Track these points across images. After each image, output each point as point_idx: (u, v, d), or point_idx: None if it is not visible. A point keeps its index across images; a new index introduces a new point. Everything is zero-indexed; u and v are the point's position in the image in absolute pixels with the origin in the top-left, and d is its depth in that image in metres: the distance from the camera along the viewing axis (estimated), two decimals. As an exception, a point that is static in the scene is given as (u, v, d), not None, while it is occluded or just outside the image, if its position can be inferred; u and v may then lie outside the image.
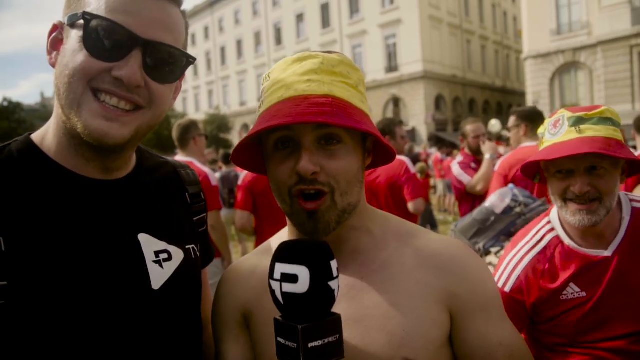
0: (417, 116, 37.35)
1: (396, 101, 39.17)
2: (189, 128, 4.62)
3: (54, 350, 0.98)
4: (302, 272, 0.93)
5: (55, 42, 1.07)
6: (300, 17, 46.50)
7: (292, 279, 0.94)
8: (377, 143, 1.19)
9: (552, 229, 1.89)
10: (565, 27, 27.89)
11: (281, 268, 0.96)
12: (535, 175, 1.98)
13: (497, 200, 3.03)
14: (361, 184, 1.16)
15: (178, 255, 1.22)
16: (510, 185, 3.23)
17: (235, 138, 47.25)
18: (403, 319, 1.10)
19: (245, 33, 52.35)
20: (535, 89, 28.93)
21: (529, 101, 28.74)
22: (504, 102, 46.78)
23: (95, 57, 1.00)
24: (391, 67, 38.98)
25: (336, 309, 1.09)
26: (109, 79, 1.02)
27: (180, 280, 1.20)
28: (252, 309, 1.22)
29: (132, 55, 1.02)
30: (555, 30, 27.94)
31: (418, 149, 23.05)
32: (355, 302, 1.13)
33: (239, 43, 53.61)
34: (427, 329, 1.10)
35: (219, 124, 44.02)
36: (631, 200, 1.84)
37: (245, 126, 51.25)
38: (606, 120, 1.72)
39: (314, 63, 1.11)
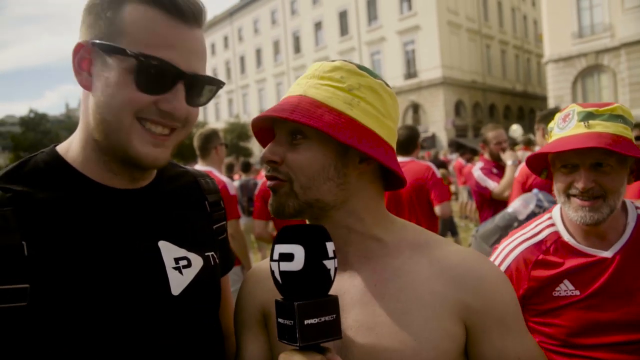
0: (437, 122, 37.15)
1: (415, 108, 39.03)
2: (211, 138, 4.67)
3: (75, 353, 1.01)
4: (298, 251, 0.98)
5: (82, 62, 1.08)
6: (318, 25, 46.74)
7: (289, 257, 0.99)
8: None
9: (552, 225, 1.85)
10: (587, 30, 27.51)
11: (279, 248, 1.01)
12: (542, 171, 1.95)
13: (520, 206, 2.98)
14: (337, 184, 1.16)
15: (197, 262, 1.24)
16: (535, 190, 3.18)
17: (255, 146, 47.53)
18: (415, 328, 1.10)
19: (264, 42, 52.79)
20: (557, 93, 28.55)
21: (551, 105, 28.35)
22: (525, 106, 46.30)
23: (143, 92, 1.06)
24: (410, 74, 38.88)
25: (349, 314, 1.13)
26: (154, 110, 1.08)
27: (199, 286, 1.22)
28: (271, 308, 1.23)
29: (177, 88, 1.08)
30: (577, 33, 27.58)
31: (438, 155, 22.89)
32: (368, 309, 1.14)
33: (258, 52, 54.08)
34: (439, 340, 1.09)
35: (239, 133, 44.38)
36: (637, 208, 1.81)
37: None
38: (617, 117, 1.68)
39: (314, 69, 1.22)
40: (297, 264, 0.97)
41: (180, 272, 1.18)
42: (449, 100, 37.70)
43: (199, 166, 4.62)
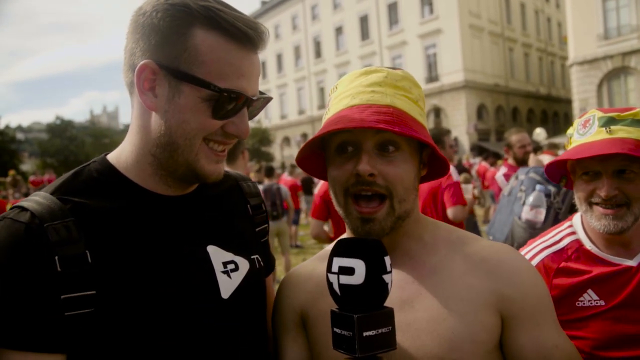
0: (459, 126, 36.84)
1: (437, 111, 38.78)
2: (239, 142, 4.71)
3: (135, 354, 1.06)
4: (359, 265, 1.01)
5: (146, 82, 1.10)
6: (339, 30, 46.83)
7: (349, 271, 1.01)
8: (432, 155, 1.26)
9: (574, 232, 1.80)
10: (613, 31, 27.03)
11: (339, 262, 1.04)
12: (562, 178, 1.90)
13: (533, 216, 2.91)
14: (416, 192, 1.23)
15: (244, 265, 1.28)
16: (538, 187, 3.10)
17: (276, 151, 47.79)
18: (452, 322, 1.13)
19: (285, 47, 53.08)
20: (582, 96, 28.07)
21: (576, 109, 27.92)
22: (549, 110, 45.67)
23: (216, 119, 1.11)
24: (431, 78, 38.68)
25: None
26: (220, 132, 1.15)
27: (247, 289, 1.26)
28: (309, 310, 1.28)
29: (243, 112, 1.15)
30: (603, 34, 27.11)
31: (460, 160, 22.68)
32: (406, 306, 1.17)
33: (279, 57, 54.39)
34: (476, 333, 1.12)
35: (261, 137, 44.65)
36: None
37: (286, 139, 51.78)
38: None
39: (379, 77, 1.21)
40: (358, 278, 1.00)
41: (229, 276, 1.22)
42: (471, 104, 37.37)
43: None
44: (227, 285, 1.21)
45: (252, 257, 1.32)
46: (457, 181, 4.51)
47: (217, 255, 1.23)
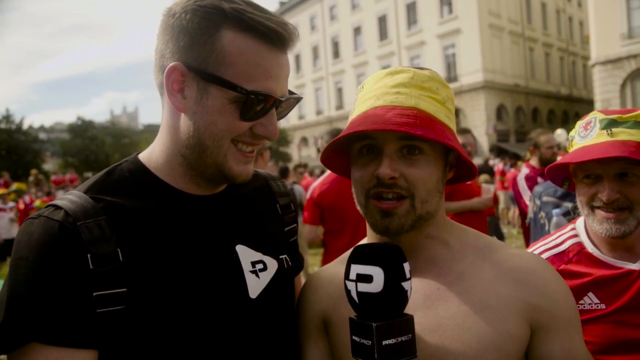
0: (478, 127, 36.52)
1: (456, 112, 38.07)
2: None
3: (165, 351, 1.07)
4: (377, 273, 0.99)
5: (175, 83, 1.11)
6: (357, 30, 46.77)
7: (367, 279, 0.99)
8: (460, 159, 1.24)
9: (576, 235, 1.77)
10: (637, 30, 26.50)
11: (356, 269, 1.02)
12: (564, 181, 1.87)
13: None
14: (441, 195, 1.21)
15: (273, 265, 1.29)
16: (554, 212, 3.07)
17: (294, 151, 47.88)
18: (478, 331, 1.10)
19: (303, 47, 53.15)
20: (604, 96, 27.60)
21: (598, 109, 27.41)
22: (570, 110, 45.01)
23: (244, 120, 1.11)
24: (450, 78, 38.40)
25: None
26: (249, 133, 1.15)
27: (275, 289, 1.26)
28: (331, 315, 1.27)
29: (271, 113, 1.14)
30: (626, 34, 26.62)
31: (479, 161, 22.47)
32: (430, 312, 1.15)
33: (297, 57, 54.49)
34: (502, 342, 1.10)
35: (278, 138, 44.65)
36: None
37: (304, 140, 51.84)
38: None
39: (404, 77, 1.19)
40: (377, 286, 0.98)
41: (257, 276, 1.23)
42: (490, 105, 37.03)
43: None
44: (256, 285, 1.22)
45: (281, 256, 1.32)
46: (469, 184, 4.53)
47: (246, 254, 1.23)
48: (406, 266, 1.02)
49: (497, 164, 17.29)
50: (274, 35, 1.08)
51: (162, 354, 1.07)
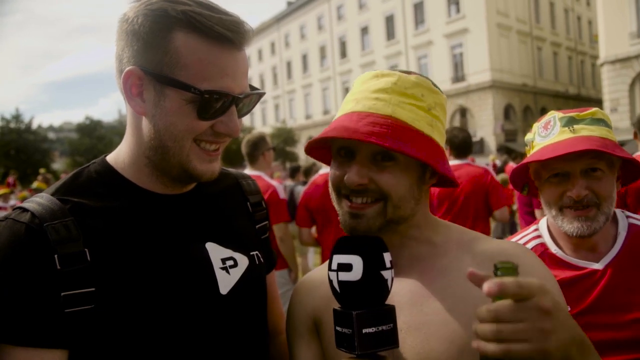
0: (485, 127, 36.38)
1: (463, 112, 38.37)
2: (258, 144, 4.75)
3: (135, 349, 1.08)
4: (356, 261, 1.00)
5: (133, 88, 1.12)
6: (364, 30, 46.70)
7: (347, 267, 1.01)
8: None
9: (539, 236, 1.76)
10: (646, 30, 26.29)
11: (338, 259, 1.04)
12: (524, 187, 1.85)
13: None
14: (416, 200, 1.21)
15: (243, 261, 1.29)
16: None
17: (301, 151, 47.83)
18: (461, 325, 1.10)
19: (311, 47, 53.17)
20: (613, 95, 27.39)
21: (606, 109, 27.23)
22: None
23: (202, 119, 1.12)
24: (458, 77, 38.28)
25: (399, 316, 1.12)
26: (210, 131, 1.15)
27: (246, 285, 1.27)
28: (322, 316, 1.26)
29: (231, 111, 1.15)
30: (636, 33, 26.39)
31: (486, 160, 22.37)
32: (415, 310, 1.16)
33: (305, 57, 54.51)
34: None
35: (286, 138, 44.84)
36: (628, 217, 1.71)
37: (310, 139, 51.77)
38: (599, 121, 1.62)
39: (387, 82, 1.19)
40: (356, 274, 0.99)
41: (227, 272, 1.24)
42: (498, 104, 36.86)
43: (248, 171, 4.69)
44: (226, 281, 1.23)
45: (252, 253, 1.33)
46: (499, 182, 4.58)
47: (216, 251, 1.24)
48: (386, 256, 1.03)
49: (508, 163, 17.20)
50: (226, 34, 1.08)
51: (132, 352, 1.08)
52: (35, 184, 14.35)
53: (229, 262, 1.25)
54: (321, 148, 1.35)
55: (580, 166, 1.57)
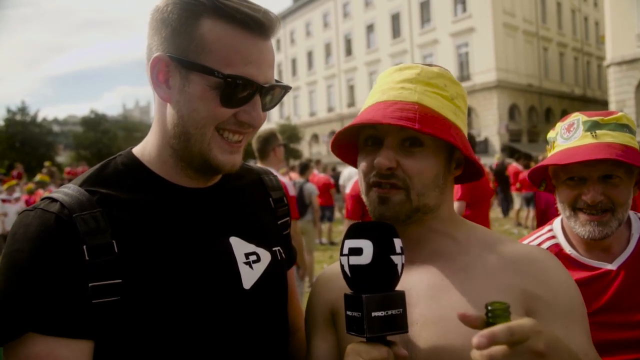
0: (490, 127, 36.29)
1: (468, 111, 37.99)
2: (269, 140, 4.76)
3: (160, 342, 1.09)
4: (366, 245, 1.02)
5: (160, 74, 1.13)
6: (370, 28, 46.61)
7: (358, 252, 1.03)
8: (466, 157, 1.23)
9: (553, 237, 1.77)
10: (653, 32, 26.14)
11: (349, 243, 1.06)
12: (541, 183, 1.86)
13: None
14: (441, 189, 1.22)
15: (266, 256, 1.30)
16: None
17: (305, 148, 47.87)
18: None
19: (316, 44, 53.10)
20: (619, 97, 27.27)
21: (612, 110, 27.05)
22: (584, 111, 44.43)
23: (225, 107, 1.11)
24: (463, 77, 38.16)
25: (415, 309, 1.16)
26: (233, 120, 1.14)
27: (268, 280, 1.28)
28: (339, 307, 1.27)
29: (255, 100, 1.14)
30: (642, 35, 26.27)
31: (491, 160, 22.33)
32: (434, 303, 1.16)
33: (310, 54, 54.44)
34: None
35: (290, 134, 44.78)
36: None
37: (315, 136, 51.82)
38: (623, 126, 1.61)
39: (411, 73, 1.22)
40: (366, 257, 1.01)
41: (251, 267, 1.24)
42: (503, 104, 36.76)
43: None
44: (249, 276, 1.23)
45: (274, 248, 1.34)
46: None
47: (239, 246, 1.25)
48: (397, 241, 1.04)
49: (512, 164, 17.17)
50: (253, 22, 1.09)
51: (157, 344, 1.08)
52: (38, 177, 14.39)
53: (252, 257, 1.26)
54: (346, 145, 1.36)
55: (598, 172, 1.57)
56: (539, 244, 1.76)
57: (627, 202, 1.60)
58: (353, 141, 1.32)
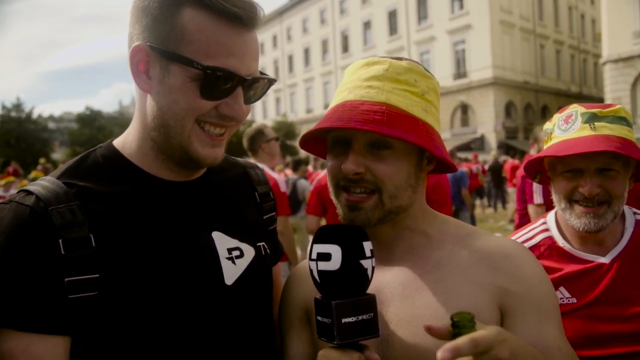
0: (486, 123, 36.30)
1: (464, 108, 38.29)
2: (255, 138, 4.81)
3: (138, 337, 1.07)
4: (335, 250, 1.00)
5: (140, 64, 1.11)
6: (367, 25, 46.51)
7: (326, 257, 1.01)
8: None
9: (547, 230, 1.77)
10: (649, 29, 26.19)
11: (317, 248, 1.03)
12: (536, 174, 1.86)
13: None
14: (413, 188, 1.20)
15: (249, 252, 1.28)
16: None
17: (301, 145, 47.68)
18: None
19: (313, 41, 52.98)
20: (614, 94, 27.32)
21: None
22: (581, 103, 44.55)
23: (206, 99, 1.08)
24: (460, 74, 38.16)
25: (389, 308, 1.15)
26: (214, 113, 1.11)
27: (252, 276, 1.26)
28: (312, 307, 1.25)
29: (237, 93, 1.11)
30: (639, 32, 26.33)
31: (487, 157, 22.35)
32: (407, 302, 1.15)
33: (307, 51, 54.31)
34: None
35: (286, 131, 44.72)
36: (635, 214, 1.73)
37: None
38: (621, 119, 1.61)
39: (379, 69, 1.17)
40: (335, 263, 0.99)
41: (233, 262, 1.22)
42: (500, 101, 36.77)
43: None
44: (232, 272, 1.21)
45: (259, 244, 1.32)
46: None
47: (222, 241, 1.22)
48: (367, 245, 1.02)
49: (508, 160, 17.22)
50: (236, 13, 1.06)
51: (136, 340, 1.06)
52: (32, 174, 14.33)
53: (235, 252, 1.24)
54: (317, 142, 1.34)
55: (595, 164, 1.57)
56: (532, 237, 1.77)
57: (623, 195, 1.60)
58: (323, 136, 1.30)
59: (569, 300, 1.63)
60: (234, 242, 1.25)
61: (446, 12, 38.83)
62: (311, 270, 1.04)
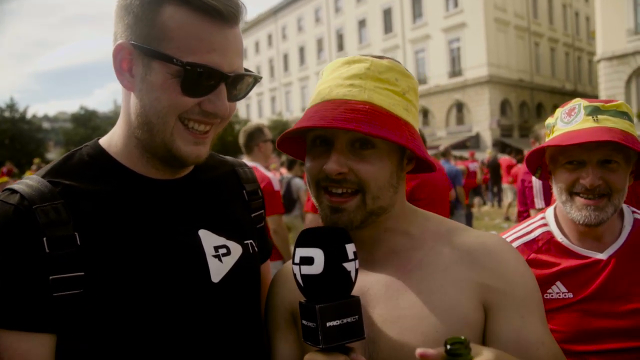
0: (482, 122, 36.39)
1: (460, 106, 38.35)
2: (253, 135, 4.79)
3: (124, 335, 1.06)
4: (317, 254, 1.00)
5: (123, 62, 1.11)
6: (362, 23, 46.51)
7: (309, 261, 1.00)
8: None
9: (545, 224, 1.79)
10: (643, 27, 26.30)
11: (300, 252, 1.03)
12: (537, 169, 1.87)
13: None
14: (395, 188, 1.19)
15: (237, 250, 1.27)
16: None
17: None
18: (436, 319, 1.10)
19: (308, 40, 52.95)
20: (609, 92, 27.43)
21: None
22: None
23: (188, 95, 1.08)
24: (455, 72, 38.23)
25: (374, 309, 1.14)
26: (197, 110, 1.11)
27: (239, 274, 1.25)
28: (298, 309, 1.25)
29: (220, 89, 1.10)
30: (633, 29, 26.41)
31: (483, 155, 22.41)
32: (391, 303, 1.15)
33: (302, 50, 54.29)
34: (459, 328, 1.08)
35: (281, 130, 44.67)
36: (634, 212, 1.75)
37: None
38: (623, 114, 1.63)
39: (360, 68, 1.15)
40: (317, 267, 0.98)
41: (220, 260, 1.22)
42: (495, 99, 36.85)
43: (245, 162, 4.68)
44: (218, 269, 1.21)
45: (246, 242, 1.32)
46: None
47: (209, 239, 1.22)
48: (349, 247, 1.02)
49: (503, 157, 17.29)
50: (216, 9, 1.05)
51: (121, 338, 1.06)
52: (27, 174, 14.28)
53: (222, 250, 1.23)
54: (293, 142, 1.31)
55: (597, 156, 1.59)
56: (531, 231, 1.79)
57: (623, 188, 1.61)
58: (301, 136, 1.28)
59: (565, 295, 1.64)
60: (221, 240, 1.24)
61: (441, 10, 38.88)
62: (295, 274, 1.04)
